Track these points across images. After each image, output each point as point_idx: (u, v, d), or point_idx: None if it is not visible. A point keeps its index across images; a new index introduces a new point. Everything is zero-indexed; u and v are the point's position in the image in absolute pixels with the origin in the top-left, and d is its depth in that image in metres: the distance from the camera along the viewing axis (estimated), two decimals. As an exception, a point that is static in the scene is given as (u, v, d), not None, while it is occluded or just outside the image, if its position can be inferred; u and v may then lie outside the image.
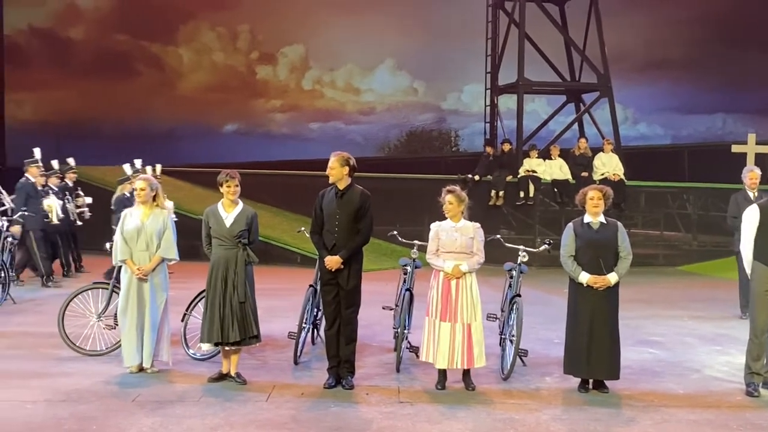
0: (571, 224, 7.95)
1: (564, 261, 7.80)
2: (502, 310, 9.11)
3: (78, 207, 15.22)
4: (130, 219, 8.27)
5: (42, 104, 24.55)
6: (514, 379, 8.21)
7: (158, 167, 15.00)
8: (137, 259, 8.21)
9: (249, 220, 7.90)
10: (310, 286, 8.99)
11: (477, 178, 18.11)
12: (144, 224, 8.23)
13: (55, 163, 14.86)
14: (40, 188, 14.01)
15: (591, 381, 7.88)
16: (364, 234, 7.76)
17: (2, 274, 12.04)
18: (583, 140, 19.03)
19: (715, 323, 11.61)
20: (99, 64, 24.68)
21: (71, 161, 15.63)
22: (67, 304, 8.91)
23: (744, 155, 17.60)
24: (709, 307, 13.01)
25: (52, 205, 13.83)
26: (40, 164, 14.18)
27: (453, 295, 7.71)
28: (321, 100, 26.08)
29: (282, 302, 11.13)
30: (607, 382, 7.85)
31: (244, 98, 25.96)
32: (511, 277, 8.94)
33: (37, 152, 14.53)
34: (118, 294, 8.58)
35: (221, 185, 7.95)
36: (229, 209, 7.92)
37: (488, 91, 21.49)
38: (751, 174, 11.77)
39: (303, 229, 9.99)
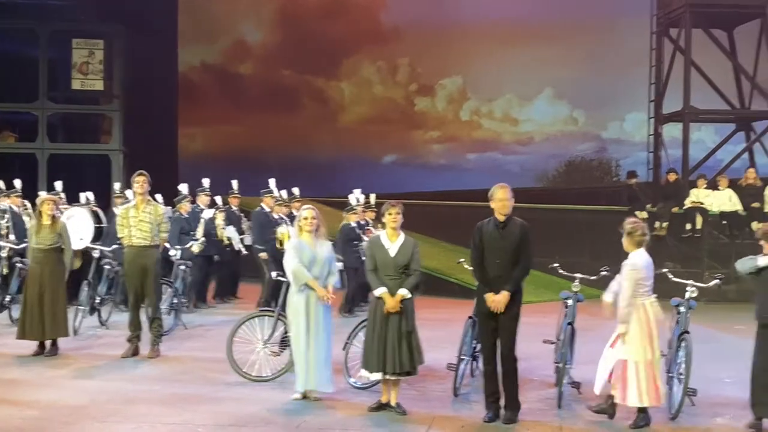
0: None
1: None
2: (669, 347, 8.78)
3: None
4: (304, 248, 8.36)
5: (211, 137, 25.70)
6: (682, 419, 7.89)
7: (372, 196, 15.34)
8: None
9: (411, 250, 7.95)
10: (470, 317, 8.96)
11: (645, 215, 17.44)
12: (316, 253, 8.41)
13: (284, 194, 15.10)
14: (276, 217, 14.31)
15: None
16: (525, 266, 7.69)
17: (175, 301, 12.57)
18: (751, 170, 18.29)
19: None
20: (266, 99, 25.67)
21: (296, 191, 15.69)
22: (236, 331, 9.21)
23: None
24: None
25: (285, 233, 13.93)
26: (275, 194, 14.60)
27: None
28: (478, 131, 26.10)
29: (440, 333, 11.13)
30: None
31: (402, 130, 26.32)
32: (679, 313, 8.62)
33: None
34: (283, 321, 8.84)
35: (383, 215, 8.07)
36: (392, 239, 8.01)
37: (652, 120, 20.90)
38: None
39: (463, 260, 9.99)
